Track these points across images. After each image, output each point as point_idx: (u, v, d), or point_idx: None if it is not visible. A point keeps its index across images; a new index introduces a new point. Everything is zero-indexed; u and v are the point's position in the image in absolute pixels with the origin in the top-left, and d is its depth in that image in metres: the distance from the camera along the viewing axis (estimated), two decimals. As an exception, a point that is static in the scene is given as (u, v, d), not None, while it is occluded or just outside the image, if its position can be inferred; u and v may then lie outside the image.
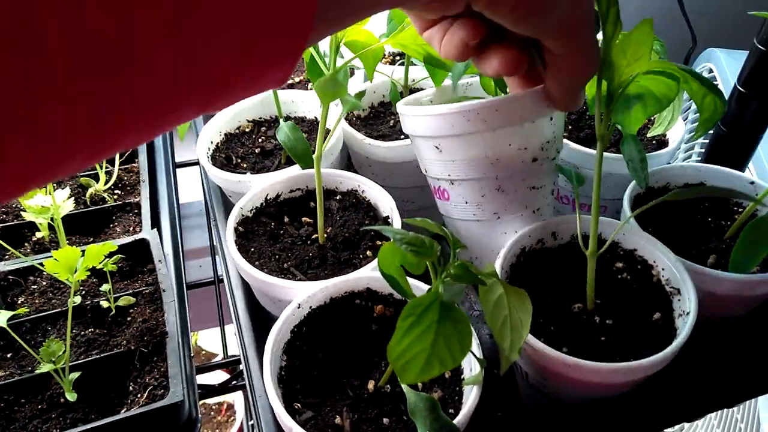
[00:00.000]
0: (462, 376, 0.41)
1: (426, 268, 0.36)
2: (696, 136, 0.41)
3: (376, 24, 0.63)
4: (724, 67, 1.03)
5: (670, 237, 0.50)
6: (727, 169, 0.54)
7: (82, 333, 0.51)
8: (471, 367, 0.40)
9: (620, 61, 0.34)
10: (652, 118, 0.64)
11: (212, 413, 1.39)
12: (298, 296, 0.45)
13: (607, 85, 0.37)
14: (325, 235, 0.53)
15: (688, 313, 0.41)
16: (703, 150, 1.01)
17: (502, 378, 0.48)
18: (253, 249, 0.52)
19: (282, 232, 0.55)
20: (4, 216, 0.64)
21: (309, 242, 0.54)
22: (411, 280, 0.42)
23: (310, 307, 0.45)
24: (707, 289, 0.45)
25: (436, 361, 0.31)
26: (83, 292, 0.54)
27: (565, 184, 0.60)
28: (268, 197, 0.57)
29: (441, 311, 0.31)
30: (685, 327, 0.40)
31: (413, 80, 0.67)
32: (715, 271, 0.44)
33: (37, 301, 0.54)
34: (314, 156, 0.50)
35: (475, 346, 0.39)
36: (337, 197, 0.58)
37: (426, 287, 0.42)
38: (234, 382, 0.67)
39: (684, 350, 0.40)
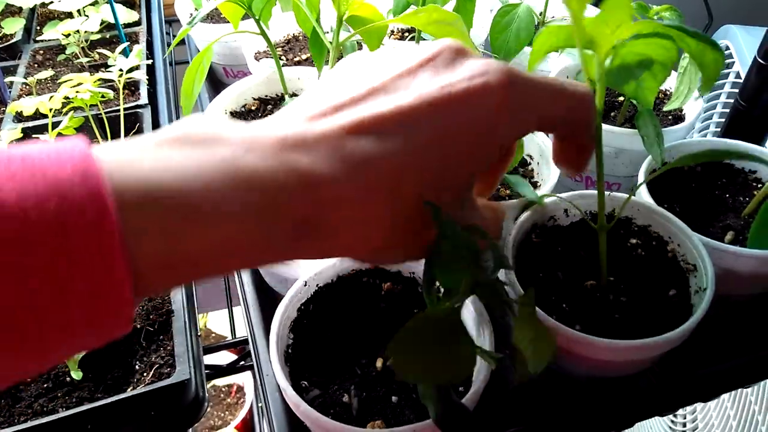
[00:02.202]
0: (472, 354, 0.40)
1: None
2: (702, 93, 0.40)
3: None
4: (741, 44, 1.01)
5: (687, 214, 0.48)
6: (746, 144, 0.53)
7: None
8: (481, 343, 0.39)
9: (603, 31, 0.33)
10: (668, 91, 0.62)
11: (222, 395, 1.39)
12: (304, 274, 0.44)
13: (597, 58, 0.36)
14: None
15: (705, 289, 0.40)
16: (719, 129, 0.99)
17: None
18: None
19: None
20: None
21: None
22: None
23: (317, 284, 0.44)
24: (725, 266, 0.43)
25: (433, 375, 0.29)
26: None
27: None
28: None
29: (452, 332, 0.28)
30: (701, 303, 0.39)
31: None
32: (733, 247, 0.43)
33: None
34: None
35: (487, 340, 0.38)
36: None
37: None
38: (242, 362, 0.67)
39: (700, 328, 0.39)
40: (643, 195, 0.48)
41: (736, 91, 0.95)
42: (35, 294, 0.19)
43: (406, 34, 0.77)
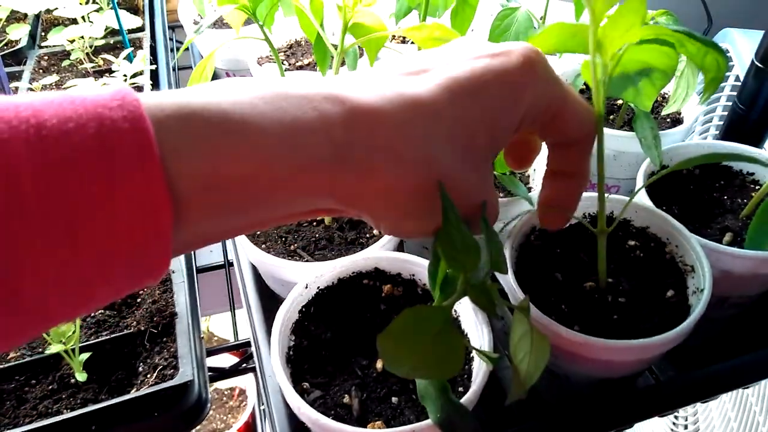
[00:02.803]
0: (471, 354, 0.40)
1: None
2: (704, 99, 0.40)
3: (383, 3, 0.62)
4: (741, 47, 1.01)
5: (685, 215, 0.49)
6: (744, 146, 0.53)
7: (92, 314, 0.51)
8: (480, 343, 0.39)
9: (612, 34, 0.33)
10: (667, 95, 0.63)
11: (224, 398, 1.40)
12: (305, 277, 0.44)
13: (601, 60, 0.36)
14: (331, 216, 0.53)
15: (702, 290, 0.41)
16: (718, 131, 1.00)
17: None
18: (259, 232, 0.52)
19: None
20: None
21: (315, 223, 0.53)
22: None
23: (318, 287, 0.45)
24: (723, 267, 0.44)
25: (422, 371, 0.29)
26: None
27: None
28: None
29: (443, 329, 0.28)
30: (699, 304, 0.40)
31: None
32: (730, 248, 0.43)
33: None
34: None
35: (486, 340, 0.38)
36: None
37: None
38: (245, 364, 0.68)
39: (698, 329, 0.39)
40: (642, 197, 0.48)
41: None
42: (79, 216, 0.19)
43: (407, 39, 0.78)
